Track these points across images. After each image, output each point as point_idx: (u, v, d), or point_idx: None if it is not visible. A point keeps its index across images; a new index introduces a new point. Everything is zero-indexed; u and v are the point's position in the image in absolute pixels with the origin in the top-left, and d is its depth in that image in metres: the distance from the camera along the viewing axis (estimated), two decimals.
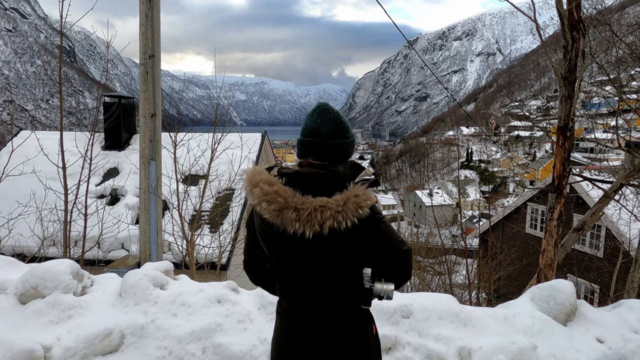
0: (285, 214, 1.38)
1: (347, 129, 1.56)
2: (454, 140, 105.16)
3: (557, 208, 4.66)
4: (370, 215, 1.41)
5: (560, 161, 4.62)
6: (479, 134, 65.29)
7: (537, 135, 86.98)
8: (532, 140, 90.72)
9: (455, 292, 10.46)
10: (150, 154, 4.95)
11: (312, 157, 1.51)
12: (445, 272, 11.76)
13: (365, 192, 1.40)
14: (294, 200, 1.38)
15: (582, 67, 4.49)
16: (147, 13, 4.77)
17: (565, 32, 4.40)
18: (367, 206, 1.38)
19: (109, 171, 12.35)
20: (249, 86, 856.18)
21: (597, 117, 11.95)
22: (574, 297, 3.30)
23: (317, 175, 1.45)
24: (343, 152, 1.54)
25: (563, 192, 4.69)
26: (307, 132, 1.53)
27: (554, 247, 4.71)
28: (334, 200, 1.37)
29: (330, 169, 1.48)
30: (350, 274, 1.49)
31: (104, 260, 8.08)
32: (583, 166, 12.79)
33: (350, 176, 1.51)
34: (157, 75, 4.87)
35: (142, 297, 2.59)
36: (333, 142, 1.51)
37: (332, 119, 1.53)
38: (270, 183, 1.42)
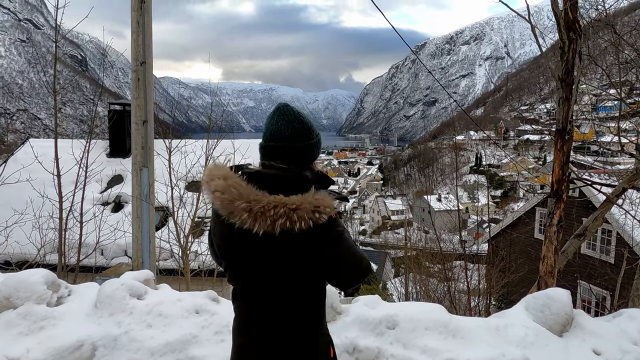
0: (237, 204, 1.31)
1: (310, 130, 1.49)
2: (463, 145, 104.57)
3: (556, 213, 4.53)
4: (328, 222, 1.33)
5: (559, 165, 4.49)
6: (488, 139, 64.71)
7: (546, 139, 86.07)
8: (542, 144, 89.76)
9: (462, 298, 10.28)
10: (142, 161, 4.92)
11: (277, 160, 1.44)
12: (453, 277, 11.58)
13: (326, 198, 1.33)
14: (247, 193, 1.33)
15: (579, 68, 4.37)
16: (138, 20, 4.76)
17: (561, 32, 4.29)
18: (325, 212, 1.31)
19: (114, 178, 12.42)
20: (257, 93, 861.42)
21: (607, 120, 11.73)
22: (570, 307, 3.16)
23: (278, 175, 1.39)
24: (308, 155, 1.48)
25: (563, 197, 4.55)
26: (268, 137, 1.47)
27: (554, 254, 4.57)
28: (290, 199, 1.31)
29: (294, 171, 1.42)
30: (305, 286, 1.40)
31: (105, 267, 8.08)
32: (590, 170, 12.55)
33: (315, 182, 1.43)
34: (148, 81, 4.85)
35: (118, 307, 2.53)
36: (296, 146, 1.44)
37: (293, 120, 1.45)
38: (227, 177, 1.37)
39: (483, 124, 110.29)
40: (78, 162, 5.74)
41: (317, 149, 1.52)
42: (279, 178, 1.38)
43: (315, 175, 1.45)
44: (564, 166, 4.51)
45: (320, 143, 1.54)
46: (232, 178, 1.36)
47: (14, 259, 6.23)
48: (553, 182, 4.57)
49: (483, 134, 55.59)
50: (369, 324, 2.74)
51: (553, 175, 4.57)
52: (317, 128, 1.54)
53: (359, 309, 2.84)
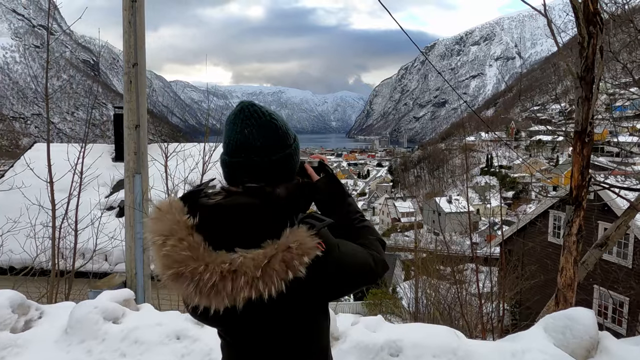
0: (181, 282, 1.00)
1: (286, 135, 1.19)
2: (473, 146, 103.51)
3: (575, 222, 4.19)
4: (314, 263, 1.02)
5: (579, 170, 4.16)
6: (499, 139, 63.92)
7: (559, 140, 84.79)
8: (555, 145, 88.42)
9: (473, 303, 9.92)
10: (135, 167, 4.71)
11: (246, 179, 1.12)
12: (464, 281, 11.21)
13: (305, 241, 1.01)
14: (194, 257, 0.99)
15: (600, 65, 4.05)
16: (129, 20, 4.55)
17: (580, 27, 3.97)
18: (303, 263, 1.00)
19: (119, 182, 12.31)
20: (266, 95, 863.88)
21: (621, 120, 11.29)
22: (595, 329, 2.85)
23: (241, 212, 1.05)
24: (285, 167, 1.17)
25: (582, 204, 4.22)
26: (232, 149, 1.14)
27: (573, 266, 4.24)
28: (253, 260, 0.98)
29: (265, 195, 1.09)
30: (306, 325, 1.15)
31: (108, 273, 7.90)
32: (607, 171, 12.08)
33: (295, 204, 1.13)
34: (141, 84, 4.63)
35: (89, 333, 2.28)
36: (273, 158, 1.14)
37: (264, 124, 1.14)
38: (172, 233, 1.02)
39: (494, 125, 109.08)
40: (72, 167, 5.55)
41: (296, 157, 1.23)
42: (242, 218, 1.05)
43: (295, 190, 1.17)
44: (583, 171, 4.18)
45: (298, 148, 1.24)
46: (177, 232, 1.02)
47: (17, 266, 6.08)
48: (572, 188, 4.25)
49: (494, 135, 54.70)
50: (370, 351, 2.45)
51: (572, 181, 4.24)
52: (328, 130, 1.20)
53: (358, 332, 2.56)
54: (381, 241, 1.35)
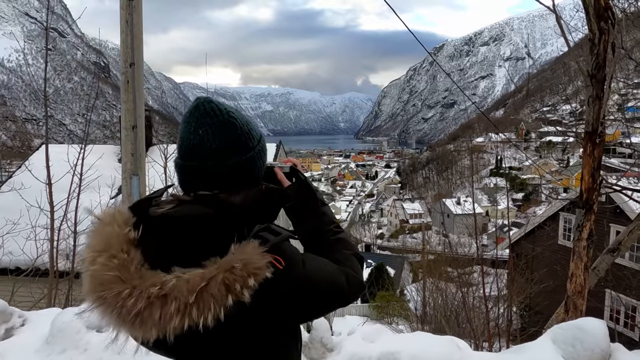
0: (104, 309, 0.86)
1: (248, 136, 1.05)
2: (482, 147, 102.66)
3: (586, 226, 4.02)
4: (270, 281, 0.88)
5: (589, 172, 3.99)
6: (508, 141, 63.28)
7: (570, 141, 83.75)
8: (565, 146, 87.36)
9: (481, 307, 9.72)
10: (132, 169, 4.63)
11: (200, 186, 1.00)
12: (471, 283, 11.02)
13: (253, 259, 0.87)
14: (121, 284, 0.85)
15: (611, 63, 3.88)
16: (127, 19, 4.47)
17: (591, 22, 3.80)
18: (248, 287, 0.85)
19: None
20: (275, 97, 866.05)
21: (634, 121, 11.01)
22: (607, 341, 2.69)
23: (186, 224, 0.93)
24: (246, 173, 1.04)
25: (593, 208, 4.05)
26: (185, 152, 1.02)
27: (583, 272, 4.06)
28: (187, 283, 0.84)
29: (218, 204, 0.97)
30: (270, 349, 1.00)
31: None
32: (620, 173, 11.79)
33: (254, 214, 0.99)
34: (138, 84, 4.55)
35: (71, 343, 2.18)
36: (229, 163, 1.00)
37: (221, 124, 1.00)
38: (104, 249, 0.89)
39: (503, 126, 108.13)
40: (72, 168, 5.50)
41: (260, 161, 1.08)
42: (189, 229, 0.93)
43: (255, 198, 1.03)
44: (594, 173, 4.01)
45: (264, 150, 1.10)
46: (112, 248, 0.89)
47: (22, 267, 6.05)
48: (582, 191, 4.07)
49: (503, 136, 54.15)
50: None
51: (582, 183, 4.07)
52: (336, 131, 1.05)
53: (354, 343, 2.42)
54: (358, 256, 1.20)
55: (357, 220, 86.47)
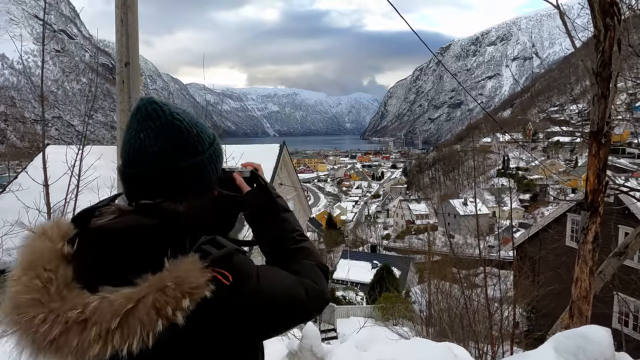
0: (20, 335, 0.76)
1: (197, 138, 0.96)
2: (489, 148, 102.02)
3: (591, 229, 3.89)
4: (215, 300, 0.80)
5: (594, 173, 3.86)
6: (515, 141, 62.83)
7: (578, 141, 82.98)
8: (574, 146, 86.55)
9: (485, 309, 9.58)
10: None
11: (142, 195, 0.91)
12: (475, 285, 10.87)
13: (189, 277, 0.78)
14: (38, 308, 0.76)
15: (618, 60, 3.75)
16: (122, 18, 4.41)
17: (596, 19, 3.68)
18: (182, 309, 0.76)
19: None
20: (281, 97, 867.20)
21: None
22: (611, 350, 2.58)
23: (122, 237, 0.85)
24: (194, 179, 0.94)
25: (599, 210, 3.92)
26: (127, 158, 0.93)
27: (589, 276, 3.94)
28: (111, 305, 0.75)
29: (160, 214, 0.88)
30: None
31: None
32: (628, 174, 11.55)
33: (202, 223, 0.91)
34: (134, 85, 4.49)
35: None
36: (173, 169, 0.92)
37: (164, 126, 0.92)
38: (31, 266, 0.80)
39: (511, 126, 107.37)
40: (70, 169, 5.45)
41: (214, 165, 0.99)
42: (123, 242, 0.85)
43: (204, 206, 0.96)
44: (600, 174, 3.88)
45: (217, 154, 1.01)
46: (39, 265, 0.80)
47: None
48: (587, 193, 3.95)
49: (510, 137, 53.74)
50: None
51: (587, 185, 3.94)
52: (342, 132, 0.94)
53: (346, 352, 2.33)
54: (322, 267, 1.10)
55: (363, 220, 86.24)
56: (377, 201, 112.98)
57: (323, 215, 79.32)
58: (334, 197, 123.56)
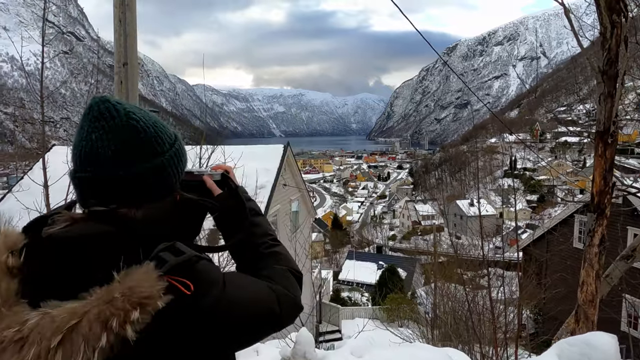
0: None
1: (155, 139, 0.89)
2: (496, 148, 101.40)
3: (597, 231, 3.79)
4: (174, 311, 0.74)
5: (600, 174, 3.76)
6: (522, 142, 62.32)
7: (586, 142, 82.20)
8: (582, 147, 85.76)
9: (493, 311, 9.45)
10: None
11: (95, 201, 0.85)
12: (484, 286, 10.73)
13: (141, 288, 0.72)
14: None
15: (624, 58, 3.65)
16: (120, 18, 4.38)
17: (602, 15, 3.58)
18: (132, 322, 0.70)
19: None
20: (287, 98, 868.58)
21: None
22: (617, 357, 2.48)
23: (70, 246, 0.79)
24: (153, 182, 0.88)
25: (605, 212, 3.81)
26: (78, 161, 0.86)
27: (595, 280, 3.83)
28: (52, 321, 0.68)
29: (114, 221, 0.82)
30: None
31: None
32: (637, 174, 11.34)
33: (161, 230, 0.85)
34: (132, 85, 4.45)
35: None
36: (129, 172, 0.85)
37: (118, 126, 0.85)
38: None
39: (518, 126, 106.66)
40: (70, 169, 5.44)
41: (174, 168, 0.92)
42: (71, 252, 0.78)
43: (169, 211, 0.90)
44: (606, 175, 3.78)
45: (179, 155, 0.94)
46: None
47: None
48: (593, 194, 3.85)
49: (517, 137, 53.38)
50: None
51: (593, 186, 3.84)
52: (348, 132, 0.85)
53: (340, 359, 2.26)
54: (296, 273, 1.05)
55: (369, 221, 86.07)
56: (383, 202, 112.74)
57: (329, 215, 79.32)
58: (339, 198, 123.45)
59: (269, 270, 1.00)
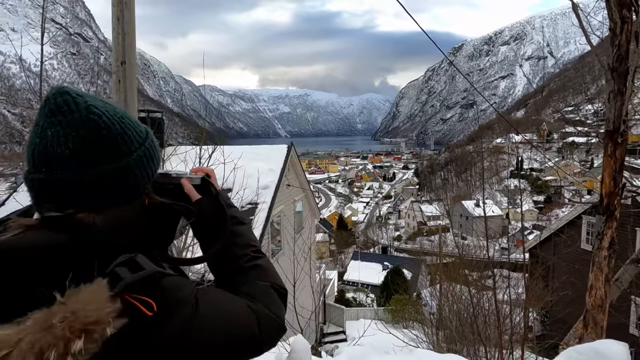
0: None
1: (120, 137, 0.79)
2: (502, 148, 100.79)
3: (607, 234, 3.67)
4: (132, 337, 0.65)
5: (610, 175, 3.63)
6: (528, 142, 61.86)
7: (594, 142, 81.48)
8: (589, 147, 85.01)
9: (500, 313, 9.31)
10: None
11: (51, 206, 0.74)
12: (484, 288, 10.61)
13: (86, 311, 0.61)
14: None
15: (635, 54, 3.52)
16: (118, 16, 4.32)
17: (612, 11, 3.46)
18: (73, 353, 0.58)
19: None
20: (292, 98, 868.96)
21: None
22: None
23: (13, 260, 0.68)
24: (117, 185, 0.78)
25: (615, 214, 3.69)
26: (32, 161, 0.76)
27: (604, 284, 3.71)
28: None
29: (70, 229, 0.73)
30: None
31: None
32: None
33: (124, 239, 0.75)
34: (130, 84, 4.39)
35: None
36: (89, 174, 0.74)
37: (78, 122, 0.75)
38: None
39: (524, 126, 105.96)
40: None
41: (143, 169, 0.82)
42: (14, 266, 0.67)
43: (136, 217, 0.80)
44: (616, 176, 3.65)
45: (149, 155, 0.84)
46: None
47: None
48: (602, 196, 3.73)
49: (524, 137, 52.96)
50: None
51: (603, 187, 3.72)
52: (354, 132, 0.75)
53: None
54: (279, 289, 0.95)
55: (374, 222, 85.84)
56: (389, 202, 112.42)
57: (334, 216, 79.16)
58: (345, 198, 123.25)
59: (250, 287, 0.90)
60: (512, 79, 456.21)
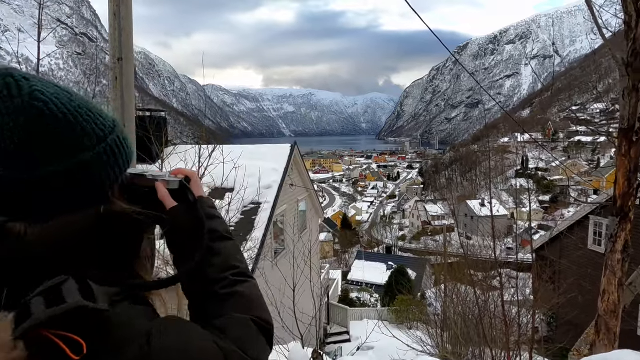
0: None
1: (78, 131, 0.65)
2: (508, 148, 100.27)
3: (620, 236, 3.52)
4: None
5: (624, 175, 3.48)
6: (534, 141, 61.44)
7: (600, 141, 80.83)
8: (596, 146, 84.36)
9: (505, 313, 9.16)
10: None
11: None
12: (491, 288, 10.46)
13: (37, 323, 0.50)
14: None
15: None
16: (115, 12, 4.21)
17: (626, 3, 3.32)
18: None
19: None
20: (296, 98, 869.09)
21: None
22: None
23: None
24: (68, 189, 0.64)
25: (629, 215, 3.54)
26: None
27: (617, 288, 3.56)
28: None
29: (3, 240, 0.60)
30: None
31: None
32: None
33: (70, 255, 0.61)
34: (127, 81, 4.28)
35: None
36: (31, 175, 0.61)
37: (19, 109, 0.61)
38: None
39: (530, 126, 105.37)
40: None
41: (104, 170, 0.68)
42: None
43: (84, 229, 0.65)
44: (630, 176, 3.50)
45: (112, 153, 0.69)
46: None
47: None
48: (616, 197, 3.58)
49: (529, 136, 52.50)
50: None
51: (616, 188, 3.57)
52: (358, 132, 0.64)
53: None
54: (263, 323, 0.78)
55: (379, 221, 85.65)
56: (393, 202, 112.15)
57: (338, 215, 79.07)
58: (349, 198, 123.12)
59: (223, 320, 0.74)
60: (517, 78, 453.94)
